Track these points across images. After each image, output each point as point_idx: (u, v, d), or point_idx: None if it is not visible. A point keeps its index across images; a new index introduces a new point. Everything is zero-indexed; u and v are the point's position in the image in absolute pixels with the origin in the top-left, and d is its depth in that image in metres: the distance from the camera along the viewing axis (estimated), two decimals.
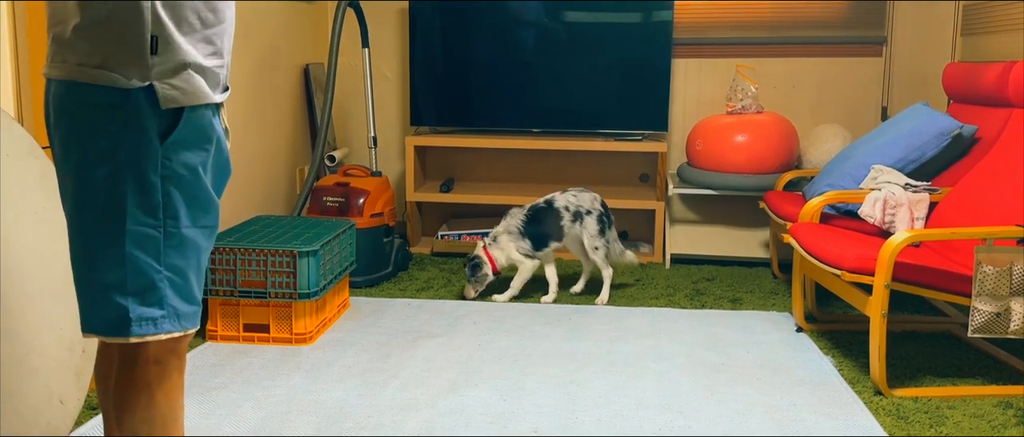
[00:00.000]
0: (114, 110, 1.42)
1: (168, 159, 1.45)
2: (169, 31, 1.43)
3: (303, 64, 4.39)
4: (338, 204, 3.80)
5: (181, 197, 1.48)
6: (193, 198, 1.50)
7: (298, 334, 3.00)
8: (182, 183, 1.48)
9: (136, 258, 1.46)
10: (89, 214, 1.47)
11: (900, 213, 3.09)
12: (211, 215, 1.55)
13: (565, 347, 3.01)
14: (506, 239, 3.61)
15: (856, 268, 2.62)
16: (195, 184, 1.50)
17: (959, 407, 2.51)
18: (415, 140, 4.45)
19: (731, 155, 4.10)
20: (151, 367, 1.52)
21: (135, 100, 1.42)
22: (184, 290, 1.52)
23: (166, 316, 1.49)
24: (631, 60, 4.42)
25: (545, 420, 2.39)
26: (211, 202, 1.54)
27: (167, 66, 1.44)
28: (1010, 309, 2.49)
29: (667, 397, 2.58)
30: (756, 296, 3.68)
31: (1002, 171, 2.96)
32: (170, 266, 1.49)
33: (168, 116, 1.45)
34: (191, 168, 1.48)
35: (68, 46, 1.44)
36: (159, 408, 1.54)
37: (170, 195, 1.46)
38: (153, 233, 1.46)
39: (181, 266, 1.50)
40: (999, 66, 3.26)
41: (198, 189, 1.50)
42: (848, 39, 4.50)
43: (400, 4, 4.71)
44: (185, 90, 1.46)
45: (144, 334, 1.48)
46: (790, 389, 2.64)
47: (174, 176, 1.46)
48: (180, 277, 1.50)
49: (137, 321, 1.47)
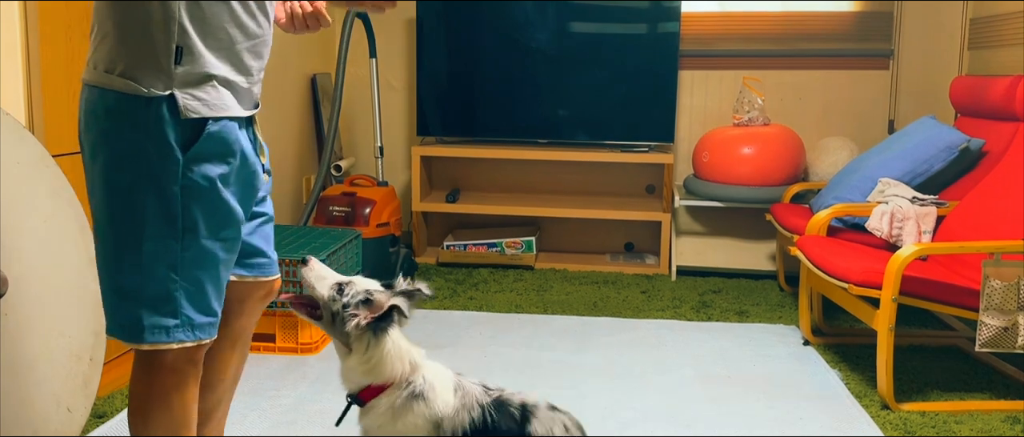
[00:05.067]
0: (137, 118, 1.43)
1: (189, 170, 1.45)
2: (194, 42, 1.44)
3: (310, 74, 4.41)
4: (344, 214, 3.81)
5: (200, 209, 1.47)
6: (213, 210, 1.49)
7: (304, 344, 3.00)
8: (202, 194, 1.47)
9: (153, 267, 1.46)
10: (112, 219, 1.48)
11: (907, 226, 3.08)
12: (232, 228, 1.54)
13: (571, 358, 3.01)
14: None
15: (863, 281, 2.61)
16: (215, 196, 1.49)
17: (966, 422, 2.50)
18: (421, 150, 4.46)
19: (737, 167, 4.10)
20: (168, 375, 1.52)
21: (157, 109, 1.43)
22: (200, 301, 1.51)
23: (180, 326, 1.50)
24: (638, 71, 4.43)
25: None
26: (232, 215, 1.53)
27: (190, 77, 1.44)
28: (1018, 324, 2.48)
29: (673, 410, 2.57)
30: (763, 309, 3.67)
31: (1009, 185, 2.95)
32: (187, 276, 1.49)
33: (190, 127, 1.45)
34: (211, 180, 1.48)
35: (97, 52, 1.46)
36: (174, 416, 1.54)
37: (189, 206, 1.46)
38: (171, 243, 1.46)
39: (198, 277, 1.50)
40: (1006, 80, 3.26)
41: (218, 201, 1.50)
42: (855, 52, 4.50)
43: (407, 15, 4.73)
44: (207, 101, 1.46)
45: (156, 342, 1.49)
46: (796, 403, 2.63)
47: (194, 187, 1.46)
48: (196, 288, 1.50)
49: (150, 329, 1.48)
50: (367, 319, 1.61)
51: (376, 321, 1.62)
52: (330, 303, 1.64)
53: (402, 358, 1.64)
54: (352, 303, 1.62)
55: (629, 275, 4.25)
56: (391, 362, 1.63)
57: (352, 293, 1.63)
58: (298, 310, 1.68)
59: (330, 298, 1.64)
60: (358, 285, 1.65)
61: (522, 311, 3.60)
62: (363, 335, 1.61)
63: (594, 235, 4.70)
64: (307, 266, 1.67)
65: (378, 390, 1.64)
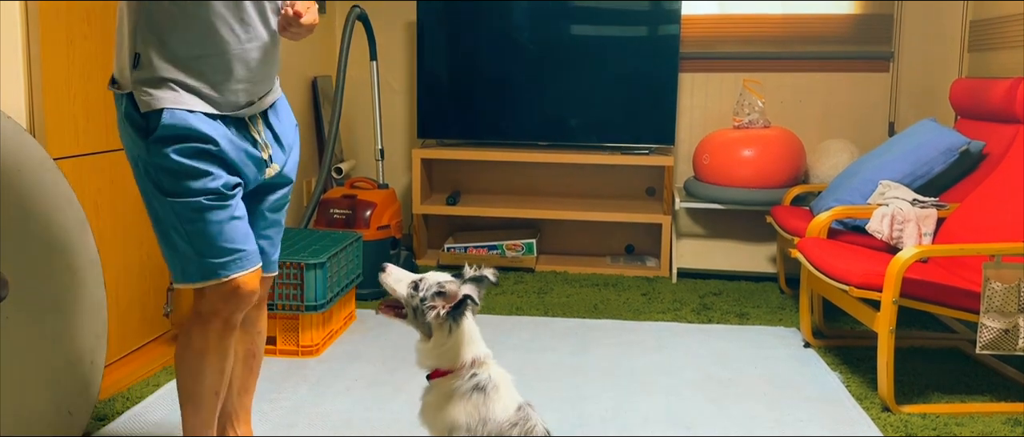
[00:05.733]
0: (121, 113, 1.77)
1: (155, 151, 1.73)
2: (148, 53, 1.72)
3: (311, 76, 4.41)
4: (345, 216, 3.81)
5: (169, 177, 1.74)
6: (183, 175, 1.74)
7: (305, 346, 3.00)
8: (170, 167, 1.73)
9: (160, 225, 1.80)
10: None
11: (908, 229, 3.08)
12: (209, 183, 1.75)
13: (572, 361, 3.01)
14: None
15: (864, 284, 2.61)
16: (180, 166, 1.73)
17: (967, 424, 2.50)
18: (422, 153, 4.47)
19: (738, 169, 4.10)
20: (194, 316, 1.87)
21: (127, 104, 1.75)
22: (206, 246, 1.77)
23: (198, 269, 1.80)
24: (638, 74, 4.43)
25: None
26: (206, 174, 1.75)
27: (144, 79, 1.73)
28: (1018, 326, 2.48)
29: (674, 412, 2.57)
30: (763, 311, 3.67)
31: (1010, 187, 2.95)
32: (188, 229, 1.77)
33: (151, 118, 1.72)
34: (173, 157, 1.72)
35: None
36: (193, 347, 1.88)
37: (160, 178, 1.74)
38: (166, 205, 1.76)
39: (196, 228, 1.76)
40: (1006, 82, 3.26)
41: (185, 168, 1.73)
42: (855, 54, 4.51)
43: (408, 17, 4.73)
44: (158, 96, 1.72)
45: (186, 282, 1.82)
46: (797, 405, 2.63)
47: (161, 163, 1.73)
48: (200, 236, 1.77)
49: (179, 273, 1.83)
50: (445, 308, 1.77)
51: (452, 309, 1.76)
52: (409, 300, 1.80)
53: (471, 350, 1.80)
54: (428, 296, 1.77)
55: (630, 277, 4.25)
56: (460, 351, 1.79)
57: (426, 287, 1.78)
58: (387, 314, 1.84)
59: (409, 296, 1.80)
60: (429, 279, 1.80)
61: (523, 313, 3.60)
62: (443, 323, 1.77)
63: (595, 237, 4.70)
64: (385, 272, 1.83)
65: (445, 373, 1.80)
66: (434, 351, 1.79)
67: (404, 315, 1.83)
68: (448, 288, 1.77)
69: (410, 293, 1.80)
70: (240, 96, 1.81)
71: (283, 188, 1.99)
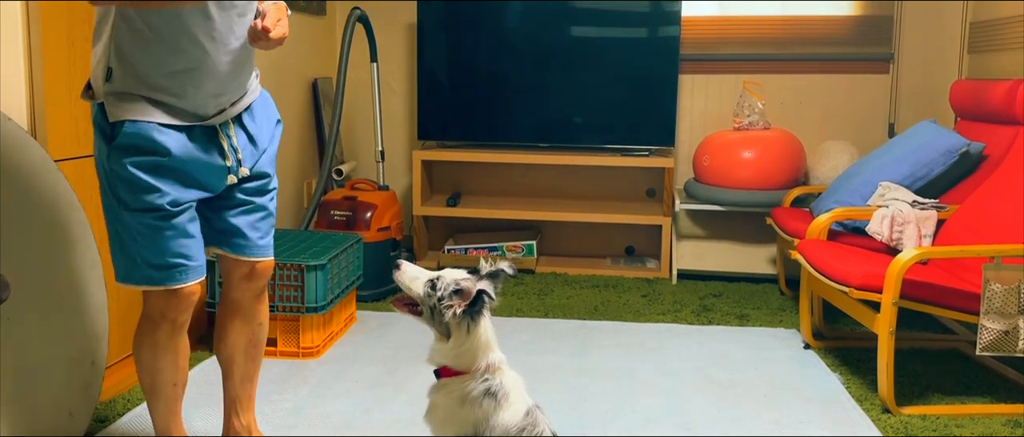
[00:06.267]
0: (93, 118, 1.86)
1: (114, 159, 1.80)
2: (121, 68, 1.80)
3: (311, 78, 4.42)
4: (345, 218, 3.81)
5: (123, 186, 1.81)
6: (134, 188, 1.80)
7: (305, 348, 3.00)
8: (123, 176, 1.80)
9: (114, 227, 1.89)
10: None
11: (908, 230, 3.08)
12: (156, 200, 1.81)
13: (572, 362, 3.01)
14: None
15: (864, 285, 2.62)
16: (133, 178, 1.79)
17: (967, 426, 2.50)
18: (422, 154, 4.47)
19: (738, 171, 4.10)
20: (144, 319, 1.96)
21: (98, 112, 1.83)
22: (151, 254, 1.85)
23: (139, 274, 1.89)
24: (638, 76, 4.44)
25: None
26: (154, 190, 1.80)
27: (115, 90, 1.81)
28: (1018, 327, 2.48)
29: (674, 413, 2.57)
30: (763, 312, 3.68)
31: (1010, 189, 2.95)
32: (135, 235, 1.84)
33: (115, 127, 1.80)
34: (127, 167, 1.79)
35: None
36: (142, 357, 1.98)
37: (115, 185, 1.82)
38: (118, 212, 1.85)
39: (143, 236, 1.84)
40: (1006, 84, 3.26)
41: (136, 181, 1.79)
42: (855, 56, 4.51)
43: (408, 19, 4.73)
44: (125, 107, 1.80)
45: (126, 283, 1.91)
46: (797, 406, 2.64)
47: (116, 171, 1.80)
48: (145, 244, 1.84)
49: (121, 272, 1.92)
50: (461, 307, 1.73)
51: (469, 307, 1.73)
52: (426, 299, 1.76)
53: (487, 355, 1.76)
54: (446, 296, 1.73)
55: (630, 279, 4.26)
56: (477, 355, 1.75)
57: (443, 286, 1.75)
58: (402, 309, 1.81)
59: (425, 294, 1.76)
60: (447, 277, 1.76)
61: (523, 315, 3.60)
62: (462, 323, 1.73)
63: (595, 239, 4.70)
64: (400, 270, 1.80)
65: (456, 372, 1.76)
66: (451, 352, 1.76)
67: (419, 312, 1.78)
68: (464, 286, 1.73)
69: (427, 292, 1.75)
70: (210, 107, 1.86)
71: (259, 179, 2.02)
